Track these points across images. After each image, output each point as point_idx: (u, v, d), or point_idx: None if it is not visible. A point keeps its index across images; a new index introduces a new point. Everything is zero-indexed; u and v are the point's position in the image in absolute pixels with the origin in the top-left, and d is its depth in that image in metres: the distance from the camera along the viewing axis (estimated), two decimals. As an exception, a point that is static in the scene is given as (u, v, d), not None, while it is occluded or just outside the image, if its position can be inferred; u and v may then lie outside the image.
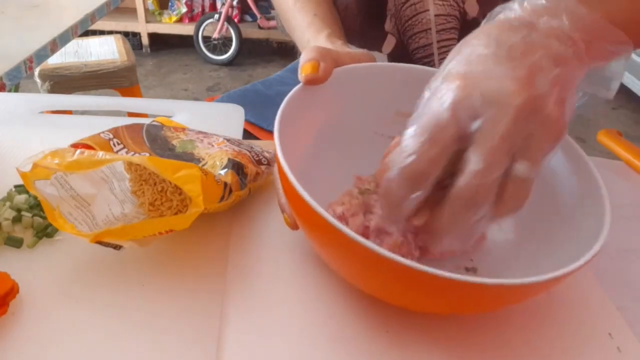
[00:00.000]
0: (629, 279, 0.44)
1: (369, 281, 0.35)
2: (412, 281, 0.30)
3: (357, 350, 0.35)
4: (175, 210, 0.42)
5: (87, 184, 0.42)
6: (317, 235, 0.35)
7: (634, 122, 2.54)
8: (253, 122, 0.86)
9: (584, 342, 0.37)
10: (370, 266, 0.31)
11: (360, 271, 0.34)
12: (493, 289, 0.29)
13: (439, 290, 0.30)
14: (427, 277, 0.28)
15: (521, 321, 0.38)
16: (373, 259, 0.29)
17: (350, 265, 0.34)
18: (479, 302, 0.32)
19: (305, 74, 0.41)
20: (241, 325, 0.36)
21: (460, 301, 0.32)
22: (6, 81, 0.89)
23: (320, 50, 0.43)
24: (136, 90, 1.68)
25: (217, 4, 3.05)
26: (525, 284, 0.29)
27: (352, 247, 0.29)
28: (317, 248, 0.38)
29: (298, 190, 0.32)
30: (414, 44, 0.62)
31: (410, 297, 0.34)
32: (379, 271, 0.31)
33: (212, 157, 0.45)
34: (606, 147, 0.64)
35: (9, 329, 0.35)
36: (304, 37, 0.52)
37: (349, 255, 0.32)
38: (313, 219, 0.32)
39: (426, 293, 0.31)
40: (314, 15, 0.53)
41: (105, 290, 0.38)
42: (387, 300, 0.36)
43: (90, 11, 1.22)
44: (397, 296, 0.35)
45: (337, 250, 0.33)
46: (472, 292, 0.30)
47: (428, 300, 0.33)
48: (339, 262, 0.36)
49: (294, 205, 0.36)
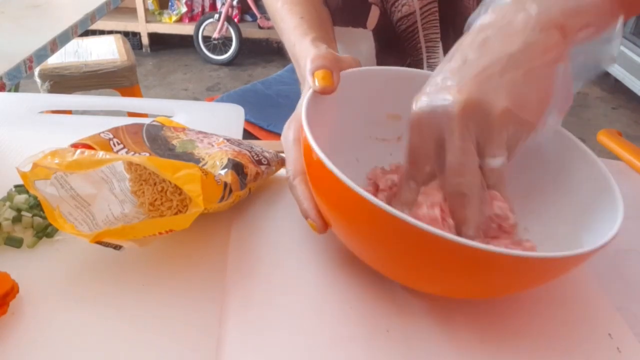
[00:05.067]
0: (629, 279, 0.44)
1: (398, 260, 0.36)
2: (460, 257, 0.31)
3: (357, 350, 0.35)
4: (175, 210, 0.42)
5: (87, 184, 0.42)
6: (354, 218, 0.35)
7: (634, 122, 2.54)
8: (253, 122, 0.86)
9: (584, 342, 0.37)
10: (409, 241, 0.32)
11: (391, 246, 0.34)
12: (530, 261, 0.31)
13: (480, 264, 0.32)
14: (471, 251, 0.30)
15: (521, 321, 0.38)
16: (414, 232, 0.30)
17: (390, 244, 0.35)
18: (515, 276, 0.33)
19: (321, 85, 0.41)
20: (241, 325, 0.36)
21: (500, 275, 0.33)
22: (6, 81, 0.89)
23: (330, 57, 0.43)
24: (136, 90, 1.68)
25: (217, 4, 3.05)
26: (571, 256, 0.31)
27: (393, 223, 0.31)
28: (353, 237, 0.38)
29: (336, 174, 0.33)
30: (397, 13, 0.62)
31: (453, 276, 0.34)
32: (418, 247, 0.32)
33: (212, 157, 0.45)
34: (606, 147, 0.64)
35: (9, 329, 0.34)
36: (290, 40, 0.52)
37: (391, 235, 0.33)
38: (349, 199, 0.32)
39: (472, 269, 0.32)
40: (300, 18, 0.53)
41: (105, 290, 0.38)
42: (419, 281, 0.37)
43: (90, 11, 1.22)
44: (438, 276, 0.35)
45: (382, 231, 0.34)
46: (507, 264, 0.31)
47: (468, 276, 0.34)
48: (376, 245, 0.36)
49: (327, 191, 0.36)
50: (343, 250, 0.42)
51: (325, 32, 0.53)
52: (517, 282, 0.35)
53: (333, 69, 0.42)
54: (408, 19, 0.62)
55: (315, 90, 0.41)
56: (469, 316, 0.38)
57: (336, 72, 0.43)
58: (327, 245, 0.43)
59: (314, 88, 0.41)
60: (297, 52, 0.50)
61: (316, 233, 0.40)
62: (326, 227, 0.39)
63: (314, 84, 0.42)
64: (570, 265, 0.34)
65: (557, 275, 0.35)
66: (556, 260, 0.31)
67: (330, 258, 0.42)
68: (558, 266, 0.33)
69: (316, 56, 0.43)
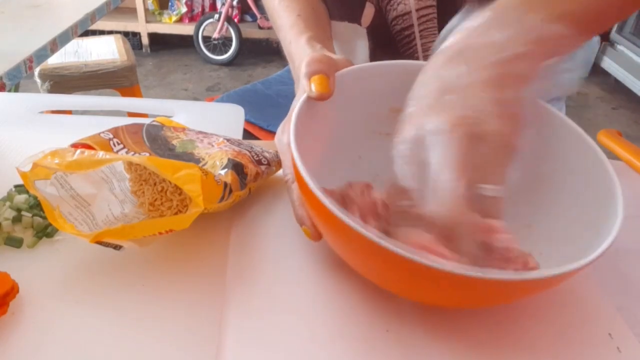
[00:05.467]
0: (629, 279, 0.44)
1: (389, 279, 0.36)
2: (449, 282, 0.31)
3: (357, 350, 0.35)
4: (175, 210, 0.42)
5: (87, 184, 0.42)
6: (348, 245, 0.36)
7: (634, 122, 2.54)
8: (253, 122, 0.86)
9: (584, 342, 0.37)
10: (391, 266, 0.32)
11: (384, 271, 0.35)
12: (504, 283, 0.30)
13: (458, 285, 0.31)
14: (453, 276, 0.29)
15: (521, 321, 0.38)
16: (393, 258, 0.30)
17: (376, 267, 0.35)
18: (488, 296, 0.33)
19: (318, 91, 0.41)
20: (241, 324, 0.36)
21: (472, 294, 0.33)
22: (6, 81, 0.88)
23: (325, 60, 0.43)
24: (136, 90, 1.68)
25: (217, 4, 3.05)
26: (556, 276, 0.31)
27: (379, 251, 0.31)
28: (345, 254, 0.38)
29: (321, 200, 0.32)
30: (392, 12, 0.61)
31: (441, 295, 0.34)
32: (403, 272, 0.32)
33: (212, 157, 0.45)
34: (606, 147, 0.64)
35: (9, 329, 0.35)
36: (286, 38, 0.52)
37: (373, 259, 0.33)
38: (342, 230, 0.32)
39: (451, 290, 0.32)
40: (297, 15, 0.53)
41: (105, 290, 0.38)
42: (411, 297, 0.37)
43: (90, 11, 1.22)
44: (428, 295, 0.36)
45: (374, 259, 0.34)
46: (482, 286, 0.31)
47: (453, 294, 0.34)
48: (368, 266, 0.36)
49: (319, 216, 0.36)
50: (343, 250, 0.42)
51: (322, 30, 0.53)
52: (510, 299, 0.35)
53: (329, 73, 0.42)
54: (404, 19, 0.61)
55: (311, 97, 0.41)
56: (468, 316, 0.38)
57: (332, 76, 0.42)
58: (327, 245, 0.43)
59: (310, 94, 0.41)
60: (293, 51, 0.49)
61: (310, 240, 0.40)
62: (320, 236, 0.39)
63: (310, 89, 0.41)
64: (561, 280, 0.33)
65: (550, 287, 0.35)
66: (547, 279, 0.31)
67: (331, 258, 0.42)
68: (550, 282, 0.33)
69: (312, 60, 0.43)
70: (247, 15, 3.13)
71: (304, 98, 0.41)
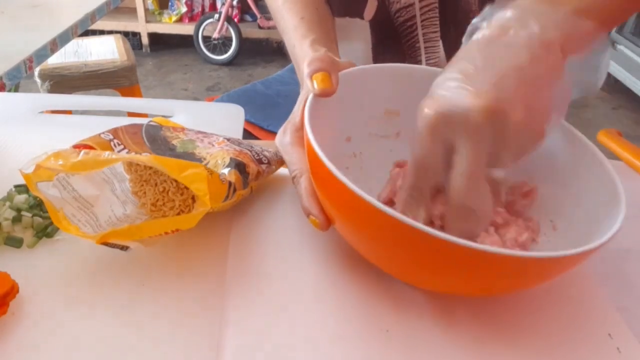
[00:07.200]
0: (629, 279, 0.44)
1: (407, 262, 0.36)
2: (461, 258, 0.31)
3: (357, 350, 0.35)
4: (177, 210, 0.42)
5: (89, 186, 0.42)
6: (359, 221, 0.36)
7: (634, 122, 2.54)
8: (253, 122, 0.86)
9: (584, 342, 0.37)
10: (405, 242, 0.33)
11: (400, 252, 0.35)
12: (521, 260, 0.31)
13: (479, 264, 0.32)
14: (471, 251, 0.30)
15: (521, 321, 0.38)
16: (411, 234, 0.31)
17: (392, 246, 0.35)
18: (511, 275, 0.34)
19: (320, 87, 0.41)
20: (241, 324, 0.36)
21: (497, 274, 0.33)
22: (6, 81, 0.88)
23: (327, 59, 0.43)
24: (136, 90, 1.68)
25: (217, 3, 3.05)
26: (573, 255, 0.31)
27: (398, 228, 0.31)
28: (358, 238, 0.38)
29: (334, 174, 0.33)
30: (396, 4, 0.61)
31: (453, 275, 0.35)
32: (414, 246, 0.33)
33: (213, 157, 0.45)
34: (606, 147, 0.64)
35: (9, 329, 0.35)
36: (290, 41, 0.52)
37: (391, 237, 0.34)
38: (355, 203, 0.33)
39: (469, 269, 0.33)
40: (300, 18, 0.53)
41: (105, 290, 0.38)
42: (417, 280, 0.38)
43: (90, 11, 1.22)
44: (438, 273, 0.36)
45: (383, 233, 0.34)
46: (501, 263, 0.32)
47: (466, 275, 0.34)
48: (384, 246, 0.36)
49: (336, 198, 0.36)
50: (343, 250, 0.42)
51: (326, 32, 0.53)
52: (516, 281, 0.35)
53: (331, 71, 0.42)
54: (407, 10, 0.61)
55: (315, 94, 0.41)
56: (468, 316, 0.38)
57: (334, 73, 0.42)
58: (327, 245, 0.43)
59: (314, 91, 0.41)
60: (297, 54, 0.50)
61: (318, 230, 0.40)
62: (328, 225, 0.39)
63: (313, 87, 0.41)
64: (569, 265, 0.34)
65: (556, 275, 0.35)
66: (554, 260, 0.32)
67: (330, 258, 0.42)
68: (557, 265, 0.33)
69: (313, 59, 0.43)
70: (247, 15, 3.14)
71: (310, 97, 0.41)
